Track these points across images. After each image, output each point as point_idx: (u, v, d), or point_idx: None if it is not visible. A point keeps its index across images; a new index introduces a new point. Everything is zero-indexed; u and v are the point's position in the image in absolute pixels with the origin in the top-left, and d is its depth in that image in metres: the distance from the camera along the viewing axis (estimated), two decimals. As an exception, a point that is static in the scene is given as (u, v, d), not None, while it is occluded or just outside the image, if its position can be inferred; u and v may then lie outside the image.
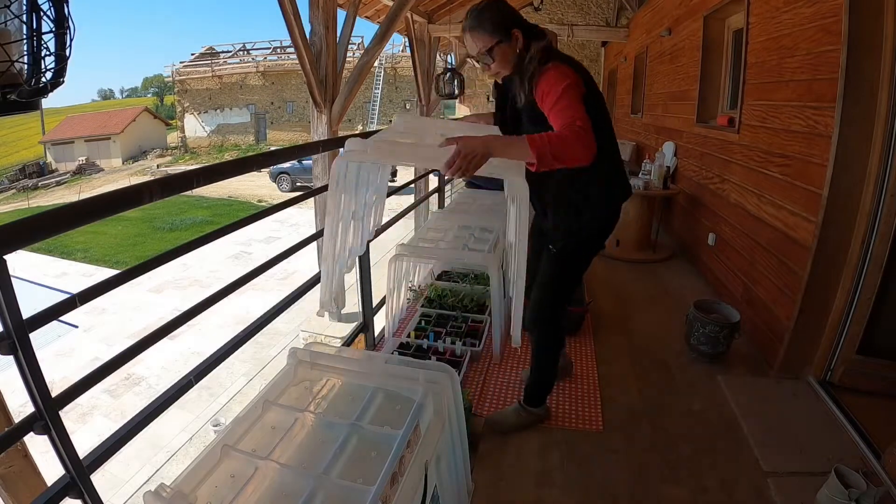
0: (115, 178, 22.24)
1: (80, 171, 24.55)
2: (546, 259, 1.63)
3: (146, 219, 14.56)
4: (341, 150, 1.28)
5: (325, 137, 4.85)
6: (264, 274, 1.41)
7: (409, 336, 2.28)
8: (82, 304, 0.82)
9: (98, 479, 0.86)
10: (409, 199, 5.50)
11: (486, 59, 1.37)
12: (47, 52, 0.83)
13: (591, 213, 1.50)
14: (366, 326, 2.18)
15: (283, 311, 1.55)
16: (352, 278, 1.87)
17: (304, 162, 13.64)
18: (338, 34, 4.88)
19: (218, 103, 24.37)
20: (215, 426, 5.16)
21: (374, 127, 20.09)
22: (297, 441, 1.04)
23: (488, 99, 12.24)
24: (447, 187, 3.93)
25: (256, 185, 17.23)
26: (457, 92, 8.31)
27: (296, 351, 1.25)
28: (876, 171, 1.74)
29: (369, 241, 1.94)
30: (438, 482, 1.15)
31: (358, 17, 5.52)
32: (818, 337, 2.00)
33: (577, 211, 1.50)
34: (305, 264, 5.57)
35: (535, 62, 1.33)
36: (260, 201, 16.21)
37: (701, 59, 3.61)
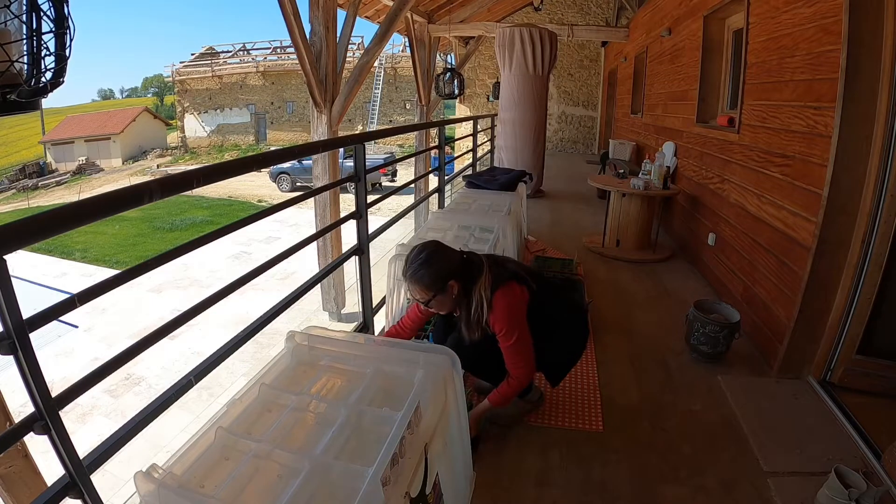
0: (115, 178, 22.22)
1: (80, 171, 24.53)
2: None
3: (146, 219, 14.55)
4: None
5: (325, 137, 4.85)
6: (264, 274, 1.41)
7: (409, 336, 2.28)
8: (82, 304, 0.82)
9: (98, 479, 0.86)
10: (409, 199, 5.51)
11: (424, 307, 1.47)
12: (47, 52, 0.83)
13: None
14: (366, 326, 2.18)
15: (283, 311, 1.55)
16: (352, 278, 1.87)
17: (304, 162, 13.64)
18: (338, 34, 4.89)
19: (218, 103, 24.35)
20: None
21: (373, 127, 20.05)
22: (293, 423, 1.01)
23: (488, 99, 12.24)
24: (447, 187, 3.92)
25: (256, 185, 17.22)
26: (457, 92, 8.33)
27: (294, 334, 1.23)
28: (876, 171, 1.74)
29: (370, 242, 1.93)
30: (440, 468, 1.12)
31: (358, 17, 5.52)
32: (818, 337, 2.00)
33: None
34: (305, 264, 5.55)
35: (485, 305, 1.40)
36: (260, 201, 16.21)
37: (701, 59, 3.62)
